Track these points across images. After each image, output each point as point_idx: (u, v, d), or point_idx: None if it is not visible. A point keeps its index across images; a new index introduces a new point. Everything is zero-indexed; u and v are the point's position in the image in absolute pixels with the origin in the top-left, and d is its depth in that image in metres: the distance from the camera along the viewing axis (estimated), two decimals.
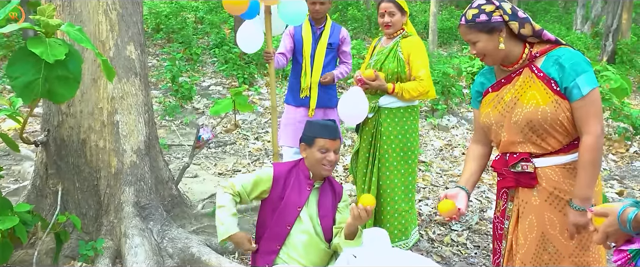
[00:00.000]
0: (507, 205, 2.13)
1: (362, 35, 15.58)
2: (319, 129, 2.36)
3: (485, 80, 2.15)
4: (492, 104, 2.07)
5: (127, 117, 3.19)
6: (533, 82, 1.94)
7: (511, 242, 2.09)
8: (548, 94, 1.90)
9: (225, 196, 2.37)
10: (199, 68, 9.97)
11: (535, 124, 1.92)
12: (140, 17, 3.33)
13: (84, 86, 3.07)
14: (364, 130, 3.38)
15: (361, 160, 3.41)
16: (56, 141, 3.12)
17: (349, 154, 5.46)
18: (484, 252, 3.59)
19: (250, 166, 5.26)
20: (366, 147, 3.37)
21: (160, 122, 6.63)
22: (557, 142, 1.95)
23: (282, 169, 2.40)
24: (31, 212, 2.76)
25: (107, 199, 3.14)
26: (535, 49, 1.98)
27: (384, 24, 3.23)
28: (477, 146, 2.25)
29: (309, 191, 2.40)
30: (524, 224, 2.04)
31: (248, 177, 2.41)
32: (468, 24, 1.96)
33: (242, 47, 3.57)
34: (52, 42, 2.03)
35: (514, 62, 2.00)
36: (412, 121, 3.32)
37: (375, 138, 3.32)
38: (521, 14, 1.95)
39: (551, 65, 1.92)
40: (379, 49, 3.34)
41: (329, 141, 2.32)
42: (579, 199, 1.89)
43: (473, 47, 1.98)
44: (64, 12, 3.05)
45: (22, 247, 2.95)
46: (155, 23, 12.86)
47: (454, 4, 28.58)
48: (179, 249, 3.10)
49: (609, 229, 1.44)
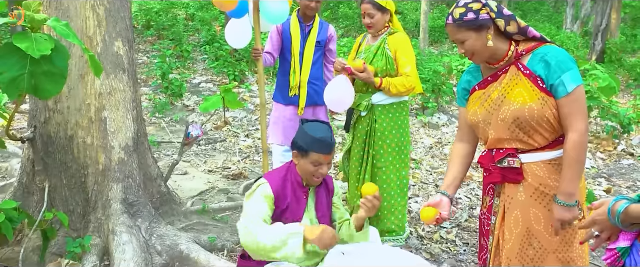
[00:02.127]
0: (494, 200, 2.14)
1: (353, 33, 15.59)
2: (315, 144, 2.24)
3: (471, 78, 2.16)
4: (479, 102, 2.08)
5: (115, 113, 3.17)
6: (519, 80, 1.96)
7: (498, 237, 2.11)
8: (534, 92, 1.92)
9: (258, 228, 2.14)
10: (189, 65, 9.93)
11: (522, 121, 1.94)
12: (128, 13, 3.30)
13: (71, 82, 3.04)
14: (358, 128, 3.36)
15: (355, 158, 3.40)
16: (43, 138, 3.10)
17: (340, 151, 5.46)
18: (472, 249, 3.61)
19: (240, 163, 5.25)
20: (360, 145, 3.36)
21: (150, 119, 6.60)
22: (543, 139, 1.97)
23: (277, 183, 2.30)
24: (17, 209, 2.73)
25: (94, 195, 3.12)
26: (521, 46, 1.99)
27: (366, 24, 3.24)
28: (462, 145, 2.26)
29: (305, 199, 2.36)
30: (509, 220, 2.05)
31: (258, 204, 2.24)
32: (456, 22, 1.96)
33: (230, 42, 3.56)
34: (38, 37, 2.01)
35: (500, 60, 2.01)
36: (404, 116, 3.34)
37: (369, 135, 3.32)
38: (506, 12, 1.96)
39: (537, 63, 1.93)
40: (366, 47, 3.34)
41: (323, 156, 2.25)
42: (563, 194, 1.91)
43: (461, 46, 1.99)
44: (50, 7, 3.02)
45: (9, 245, 2.92)
46: (145, 19, 12.80)
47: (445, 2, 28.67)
48: (168, 246, 3.09)
49: (598, 218, 1.48)
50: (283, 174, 2.35)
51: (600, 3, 14.07)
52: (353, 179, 3.45)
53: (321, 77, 3.91)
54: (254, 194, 2.29)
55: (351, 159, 3.45)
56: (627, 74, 12.66)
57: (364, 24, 3.27)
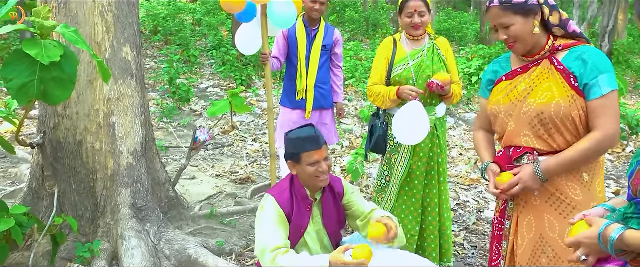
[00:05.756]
0: (507, 205, 2.06)
1: (359, 37, 15.59)
2: (301, 144, 2.22)
3: (499, 69, 2.06)
4: (504, 93, 1.98)
5: (124, 118, 3.18)
6: (551, 75, 1.87)
7: (513, 243, 2.03)
8: (565, 88, 1.83)
9: (285, 258, 2.09)
10: (196, 70, 9.97)
11: (546, 117, 1.84)
12: (136, 19, 3.33)
13: (80, 88, 3.06)
14: (420, 147, 2.96)
15: (417, 182, 3.00)
16: (52, 143, 3.12)
17: (347, 155, 5.47)
18: (481, 253, 3.59)
19: (248, 167, 5.26)
20: (423, 166, 2.99)
21: (158, 124, 6.63)
22: (564, 141, 1.87)
23: (283, 199, 2.27)
24: (27, 214, 2.76)
25: (103, 201, 3.13)
26: (559, 42, 1.90)
27: (414, 24, 2.87)
28: (483, 131, 2.19)
29: (309, 211, 2.33)
30: (522, 224, 1.98)
31: (273, 228, 2.18)
32: (503, 5, 1.83)
33: (241, 49, 3.57)
34: (47, 44, 2.03)
35: (536, 53, 1.91)
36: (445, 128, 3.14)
37: (435, 153, 3.01)
38: (551, 1, 1.87)
39: (574, 60, 1.84)
40: (412, 52, 2.94)
41: (315, 152, 2.20)
42: (545, 169, 1.84)
43: (504, 32, 1.86)
44: (59, 14, 3.05)
45: (19, 250, 2.94)
46: (153, 25, 12.88)
47: (451, 5, 28.64)
48: (176, 251, 3.10)
49: (585, 241, 1.36)
50: (286, 187, 2.31)
51: (607, 4, 14.00)
52: (412, 208, 3.04)
53: (328, 81, 3.92)
54: (264, 214, 2.24)
55: (410, 184, 3.02)
56: (634, 76, 12.58)
57: (406, 24, 2.91)
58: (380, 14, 18.36)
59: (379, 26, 16.81)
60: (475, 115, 7.81)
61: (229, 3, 3.11)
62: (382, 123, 3.01)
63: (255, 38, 3.47)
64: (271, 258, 2.08)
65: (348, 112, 7.55)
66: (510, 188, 1.90)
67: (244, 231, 3.63)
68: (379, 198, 3.12)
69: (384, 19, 17.79)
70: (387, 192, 3.08)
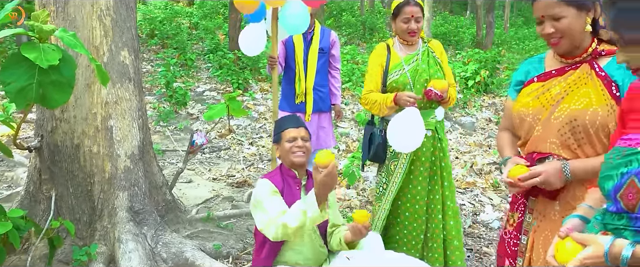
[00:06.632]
0: (525, 217, 1.90)
1: (356, 41, 15.63)
2: (282, 123, 2.43)
3: (531, 69, 1.92)
4: (535, 94, 1.84)
5: (121, 122, 3.19)
6: (590, 80, 1.73)
7: (529, 259, 1.87)
8: (604, 96, 1.69)
9: (286, 216, 2.15)
10: (193, 73, 9.98)
11: (579, 124, 1.70)
12: (134, 23, 3.34)
13: (78, 91, 3.07)
14: (421, 151, 2.90)
15: (420, 188, 2.95)
16: (50, 147, 3.13)
17: (344, 158, 5.48)
18: (476, 256, 3.60)
19: (245, 171, 5.27)
20: (425, 171, 2.94)
21: (155, 127, 6.63)
22: (594, 154, 1.72)
23: (275, 179, 2.37)
24: (24, 217, 2.76)
25: (100, 204, 3.14)
26: (603, 46, 1.76)
27: (410, 30, 2.85)
28: (508, 133, 2.05)
29: (299, 190, 2.40)
30: (539, 239, 1.83)
31: (273, 201, 2.24)
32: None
33: (243, 49, 3.56)
34: (45, 48, 2.04)
35: (576, 55, 1.77)
36: None
37: (437, 157, 2.97)
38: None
39: (617, 68, 1.69)
40: (407, 57, 2.91)
41: (292, 129, 2.35)
42: (573, 168, 1.70)
43: (552, 24, 1.70)
44: (58, 18, 3.06)
45: (16, 253, 2.95)
46: (149, 29, 12.88)
47: (448, 9, 28.74)
48: (173, 254, 3.10)
49: (591, 261, 1.27)
50: (278, 171, 2.43)
51: None
52: (416, 215, 2.98)
53: (326, 84, 3.95)
54: (259, 192, 2.31)
55: (412, 190, 2.97)
56: None
57: (402, 30, 2.88)
58: (376, 18, 18.42)
59: (376, 30, 16.85)
60: (472, 119, 7.85)
61: (242, 2, 3.10)
62: (381, 131, 2.96)
63: (260, 40, 3.46)
64: (277, 224, 2.12)
65: (345, 115, 7.57)
66: (531, 177, 1.72)
67: (241, 234, 3.64)
68: (376, 206, 3.06)
69: (380, 23, 17.85)
70: (382, 201, 3.02)
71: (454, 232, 3.03)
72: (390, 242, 3.03)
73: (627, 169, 1.25)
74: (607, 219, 1.34)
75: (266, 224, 2.20)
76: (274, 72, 3.48)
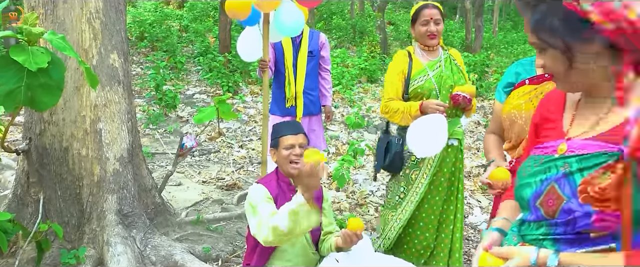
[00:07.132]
0: None
1: (346, 44, 15.68)
2: (280, 129, 2.38)
3: (522, 71, 1.91)
4: (526, 97, 1.82)
5: (110, 125, 3.19)
6: None
7: None
8: None
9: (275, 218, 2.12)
10: (183, 76, 9.96)
11: None
12: (123, 26, 3.34)
13: (67, 94, 3.06)
14: (445, 162, 2.89)
15: (437, 198, 2.92)
16: (38, 149, 3.11)
17: (334, 161, 5.50)
18: (465, 257, 3.63)
19: (235, 173, 5.27)
20: (445, 181, 2.92)
21: (144, 130, 6.61)
22: None
23: (270, 185, 2.35)
24: (12, 220, 2.74)
25: (89, 207, 3.13)
26: None
27: (429, 33, 2.79)
28: (495, 136, 2.05)
29: (292, 197, 2.40)
30: None
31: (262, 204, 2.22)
32: None
33: (242, 55, 3.55)
34: (35, 51, 2.04)
35: None
36: None
37: (457, 168, 2.93)
38: None
39: None
40: (430, 63, 2.85)
41: (291, 136, 2.32)
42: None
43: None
44: (46, 20, 3.06)
45: (3, 257, 2.93)
46: (139, 31, 12.83)
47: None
48: (162, 257, 3.10)
49: None
50: (272, 177, 2.41)
51: None
52: (430, 225, 2.93)
53: (316, 88, 3.96)
54: (253, 196, 2.28)
55: (431, 200, 2.93)
56: None
57: (420, 34, 2.83)
58: (366, 22, 18.49)
59: (366, 33, 16.91)
60: None
61: (234, 9, 3.11)
62: (399, 139, 2.90)
63: (257, 45, 3.47)
64: (268, 226, 2.10)
65: (334, 118, 7.59)
66: None
67: (230, 236, 3.64)
68: (389, 215, 2.98)
69: (370, 26, 17.91)
70: (398, 210, 2.94)
71: (458, 245, 3.02)
72: (399, 252, 2.99)
73: (546, 176, 1.24)
74: (525, 230, 1.32)
75: (257, 227, 2.20)
76: (265, 75, 3.48)
